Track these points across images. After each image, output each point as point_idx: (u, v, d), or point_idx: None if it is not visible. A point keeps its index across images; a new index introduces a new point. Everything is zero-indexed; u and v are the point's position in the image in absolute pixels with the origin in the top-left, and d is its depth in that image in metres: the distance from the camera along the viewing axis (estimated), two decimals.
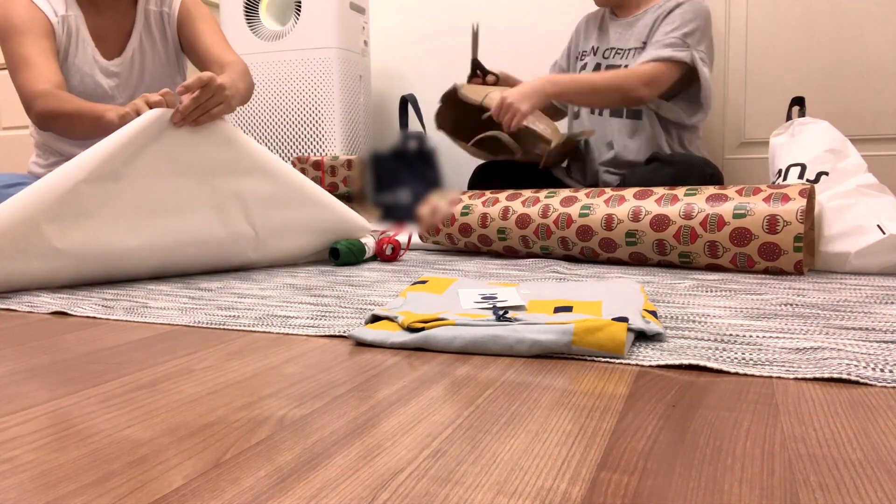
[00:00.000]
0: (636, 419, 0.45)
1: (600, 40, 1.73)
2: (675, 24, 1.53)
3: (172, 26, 1.51)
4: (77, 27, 1.40)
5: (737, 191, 1.09)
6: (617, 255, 1.17)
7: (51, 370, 0.60)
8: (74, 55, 1.40)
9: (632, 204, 1.14)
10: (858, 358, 0.58)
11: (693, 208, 1.09)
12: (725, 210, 1.07)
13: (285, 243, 1.24)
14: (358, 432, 0.44)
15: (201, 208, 1.14)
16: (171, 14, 1.50)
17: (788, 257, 1.03)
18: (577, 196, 1.21)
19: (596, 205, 1.17)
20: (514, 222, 1.25)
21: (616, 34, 1.68)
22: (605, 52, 1.70)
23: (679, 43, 1.51)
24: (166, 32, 1.51)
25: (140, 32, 1.47)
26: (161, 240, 1.09)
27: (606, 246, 1.16)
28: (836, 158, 1.30)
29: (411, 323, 0.67)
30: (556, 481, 0.36)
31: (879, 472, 0.37)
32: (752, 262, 1.06)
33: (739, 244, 1.06)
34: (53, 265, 1.01)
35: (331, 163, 2.14)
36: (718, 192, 1.10)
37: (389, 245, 1.35)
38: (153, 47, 1.50)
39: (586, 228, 1.16)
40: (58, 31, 1.38)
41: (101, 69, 1.43)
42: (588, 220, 1.16)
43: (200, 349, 0.67)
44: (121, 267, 1.07)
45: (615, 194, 1.18)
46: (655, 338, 0.67)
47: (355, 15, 2.33)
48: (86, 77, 1.41)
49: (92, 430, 0.45)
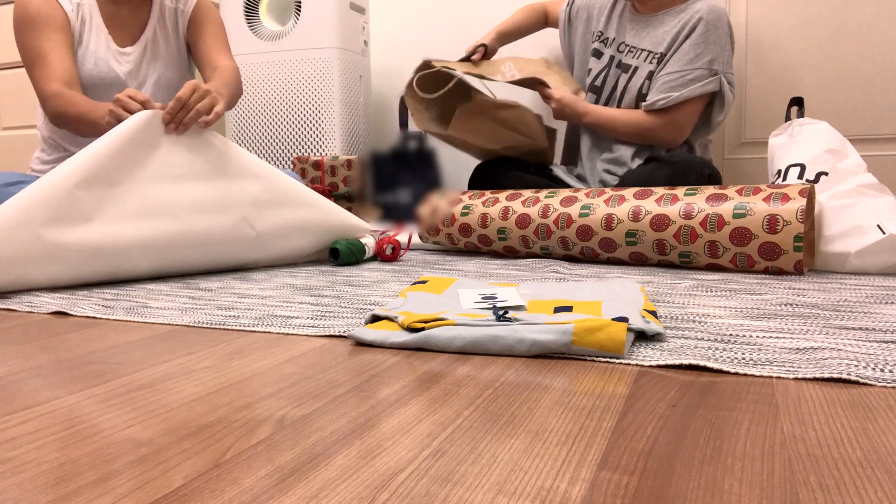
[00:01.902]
0: (636, 419, 0.45)
1: (618, 31, 1.68)
2: (699, 50, 1.49)
3: (184, 24, 1.56)
4: (91, 14, 1.44)
5: (737, 190, 1.09)
6: (617, 255, 1.17)
7: (51, 370, 0.60)
8: (89, 40, 1.44)
9: (632, 204, 1.14)
10: (858, 358, 0.58)
11: (693, 208, 1.09)
12: (725, 210, 1.07)
13: (284, 243, 1.25)
14: (358, 432, 0.44)
15: (200, 210, 1.14)
16: (185, 11, 1.55)
17: (788, 257, 1.03)
18: (577, 196, 1.21)
19: (596, 205, 1.17)
20: (514, 222, 1.25)
21: (634, 30, 1.63)
22: (619, 46, 1.66)
23: (706, 74, 1.49)
24: (178, 28, 1.56)
25: (154, 25, 1.52)
26: (161, 242, 1.09)
27: (606, 246, 1.16)
28: (836, 159, 1.30)
29: (411, 323, 0.67)
30: (556, 481, 0.36)
31: (879, 472, 0.37)
32: (753, 262, 1.06)
33: (739, 244, 1.05)
34: (54, 269, 1.01)
35: (331, 163, 2.14)
36: (718, 191, 1.10)
37: (389, 245, 1.35)
38: (166, 41, 1.54)
39: (586, 228, 1.16)
40: (72, 20, 1.42)
41: (115, 55, 1.47)
42: (588, 219, 1.16)
43: (200, 349, 0.67)
44: (121, 269, 1.07)
45: (615, 194, 1.18)
46: (655, 338, 0.67)
47: (355, 15, 2.33)
48: (100, 61, 1.45)
49: (92, 430, 0.45)
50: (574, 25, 1.79)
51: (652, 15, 1.60)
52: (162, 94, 1.56)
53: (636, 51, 1.62)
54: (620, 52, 1.66)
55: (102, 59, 1.45)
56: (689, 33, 1.51)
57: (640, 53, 1.61)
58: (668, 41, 1.54)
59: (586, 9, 1.76)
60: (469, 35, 2.48)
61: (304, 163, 2.16)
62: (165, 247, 1.09)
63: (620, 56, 1.66)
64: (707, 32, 1.49)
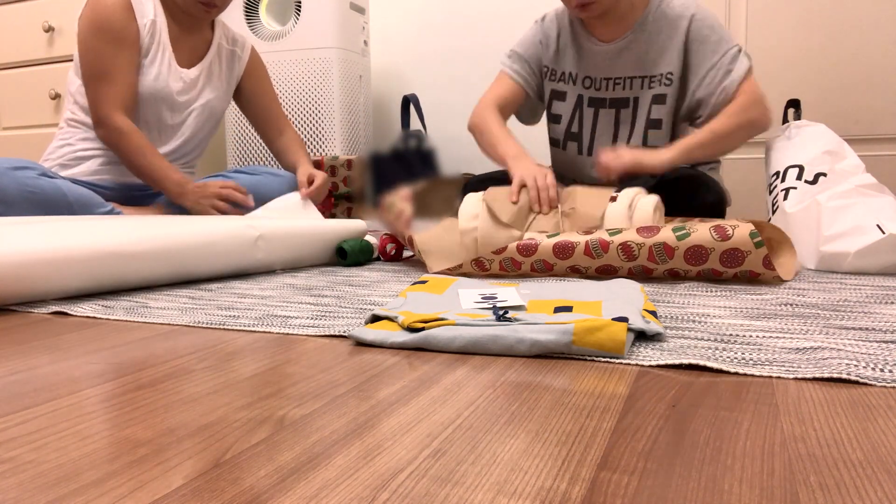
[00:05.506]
0: (636, 419, 0.45)
1: (578, 65, 1.50)
2: (715, 38, 1.38)
3: (241, 68, 1.70)
4: (160, 31, 1.52)
5: (666, 223, 1.05)
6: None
7: (51, 370, 0.60)
8: (155, 55, 1.52)
9: (567, 263, 1.04)
10: (858, 358, 0.58)
11: (630, 246, 1.00)
12: (667, 237, 0.98)
13: (291, 244, 1.24)
14: (358, 432, 0.44)
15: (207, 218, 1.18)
16: (242, 57, 1.69)
17: (755, 256, 0.95)
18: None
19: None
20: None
21: (605, 61, 1.47)
22: (585, 81, 1.50)
23: (737, 52, 1.38)
24: (234, 69, 1.69)
25: (211, 59, 1.63)
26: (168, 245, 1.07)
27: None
28: (834, 160, 1.30)
29: (411, 323, 0.67)
30: (556, 481, 0.36)
31: (879, 472, 0.37)
32: (719, 273, 0.99)
33: (697, 263, 0.98)
34: (65, 277, 0.98)
35: (331, 163, 2.14)
36: (645, 227, 1.02)
37: (391, 244, 1.35)
38: (219, 74, 1.65)
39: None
40: (143, 35, 1.50)
41: (174, 73, 1.55)
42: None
43: (200, 349, 0.67)
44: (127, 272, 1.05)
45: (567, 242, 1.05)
46: (655, 338, 0.67)
47: (355, 15, 2.33)
48: (160, 77, 1.52)
49: (92, 430, 0.45)
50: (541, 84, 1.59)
51: (622, 39, 1.44)
52: (205, 118, 1.65)
53: (622, 80, 1.47)
54: (598, 90, 1.50)
55: (164, 75, 1.53)
56: (694, 36, 1.40)
57: (627, 82, 1.47)
58: (675, 57, 1.42)
59: (543, 48, 1.54)
60: (469, 35, 2.48)
61: None
62: (173, 248, 1.08)
63: (599, 93, 1.50)
64: (704, 22, 1.40)
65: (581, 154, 1.55)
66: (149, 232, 1.03)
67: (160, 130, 1.57)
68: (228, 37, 1.67)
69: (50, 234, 0.95)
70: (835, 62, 1.90)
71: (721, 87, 1.38)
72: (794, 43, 1.94)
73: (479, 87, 2.49)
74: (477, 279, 0.95)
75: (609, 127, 1.51)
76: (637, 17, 1.43)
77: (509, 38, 2.44)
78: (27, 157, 2.43)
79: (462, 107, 2.52)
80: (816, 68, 1.92)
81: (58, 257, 0.93)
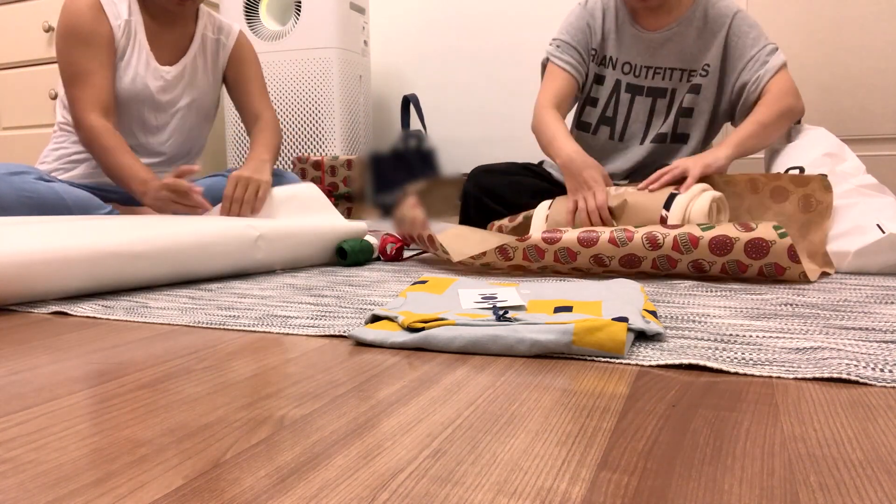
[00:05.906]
0: (636, 419, 0.45)
1: (618, 50, 1.53)
2: (753, 34, 1.45)
3: (225, 56, 1.62)
4: (136, 31, 1.47)
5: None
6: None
7: (51, 370, 0.60)
8: (131, 56, 1.47)
9: (590, 252, 1.05)
10: (858, 358, 0.58)
11: (656, 236, 1.01)
12: (691, 229, 1.01)
13: (291, 244, 1.24)
14: (358, 432, 0.44)
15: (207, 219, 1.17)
16: (227, 45, 1.62)
17: (779, 246, 0.96)
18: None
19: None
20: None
21: (648, 49, 1.50)
22: (625, 66, 1.52)
23: (774, 47, 1.44)
24: (219, 59, 1.62)
25: (195, 52, 1.57)
26: (168, 245, 1.07)
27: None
28: (834, 162, 1.30)
29: (411, 323, 0.67)
30: (556, 481, 0.36)
31: (879, 472, 0.37)
32: (744, 267, 0.99)
33: (722, 253, 0.99)
34: (65, 277, 0.99)
35: (331, 163, 2.14)
36: (672, 224, 1.04)
37: (392, 244, 1.35)
38: (204, 68, 1.59)
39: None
40: (117, 36, 1.45)
41: (153, 73, 1.50)
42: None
43: (200, 349, 0.67)
44: (127, 272, 1.05)
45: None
46: (655, 338, 0.67)
47: (355, 15, 2.33)
48: (138, 77, 1.48)
49: (92, 430, 0.45)
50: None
51: (667, 29, 1.48)
52: (193, 117, 1.60)
53: (663, 70, 1.50)
54: (636, 77, 1.52)
55: (141, 75, 1.48)
56: (734, 31, 1.46)
57: (668, 73, 1.50)
58: (715, 52, 1.46)
59: (590, 32, 1.55)
60: (469, 35, 2.48)
61: (304, 163, 2.16)
62: (174, 248, 1.07)
63: (638, 80, 1.52)
64: (745, 21, 1.46)
65: (612, 139, 1.58)
66: (149, 232, 1.03)
67: (146, 132, 1.53)
68: (214, 26, 1.59)
69: (50, 235, 0.95)
70: (835, 62, 1.90)
71: (756, 76, 1.44)
72: (794, 43, 1.94)
73: (479, 87, 2.49)
74: (476, 279, 0.95)
75: (643, 114, 1.54)
76: (683, 11, 1.48)
77: (509, 38, 2.44)
78: (27, 157, 2.43)
79: (462, 107, 2.52)
80: (816, 68, 1.92)
81: (58, 257, 0.93)
